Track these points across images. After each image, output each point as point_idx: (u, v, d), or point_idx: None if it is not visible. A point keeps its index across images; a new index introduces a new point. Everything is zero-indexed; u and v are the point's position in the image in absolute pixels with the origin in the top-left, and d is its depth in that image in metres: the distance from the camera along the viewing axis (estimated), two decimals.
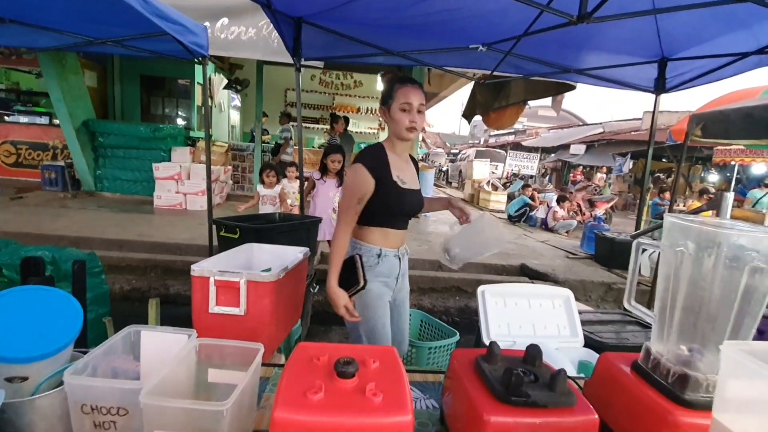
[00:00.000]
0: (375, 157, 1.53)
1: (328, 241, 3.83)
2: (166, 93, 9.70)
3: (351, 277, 1.42)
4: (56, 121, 7.32)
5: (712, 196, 8.01)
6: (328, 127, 11.75)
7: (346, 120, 6.99)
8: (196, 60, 3.21)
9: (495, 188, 11.21)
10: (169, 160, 7.03)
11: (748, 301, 0.64)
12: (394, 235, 1.58)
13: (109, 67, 8.59)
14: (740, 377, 0.53)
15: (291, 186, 4.45)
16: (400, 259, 1.61)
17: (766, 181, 10.05)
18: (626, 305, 0.88)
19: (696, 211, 3.38)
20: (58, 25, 3.05)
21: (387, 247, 1.56)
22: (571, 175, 14.14)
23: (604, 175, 13.61)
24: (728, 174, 11.75)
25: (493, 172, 14.17)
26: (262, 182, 4.35)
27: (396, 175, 1.52)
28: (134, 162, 7.33)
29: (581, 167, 14.19)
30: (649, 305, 1.69)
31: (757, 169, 10.55)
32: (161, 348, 0.75)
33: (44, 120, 7.88)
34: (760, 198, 8.88)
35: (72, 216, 5.63)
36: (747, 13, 1.91)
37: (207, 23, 3.96)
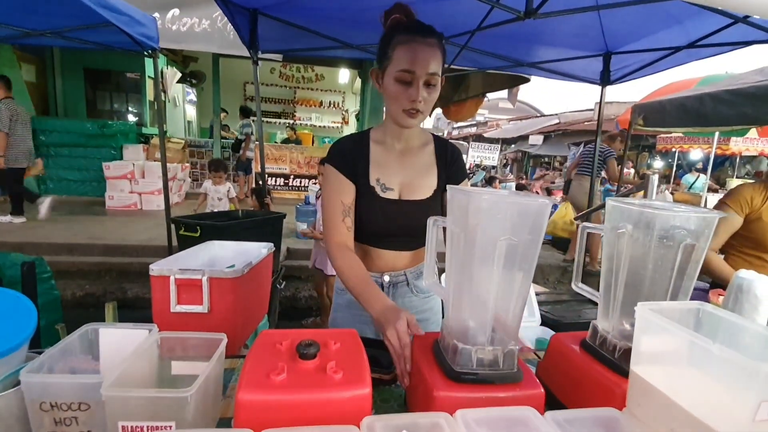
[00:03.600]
0: (346, 152, 1.13)
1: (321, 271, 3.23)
2: (113, 87, 9.15)
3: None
4: None
5: (640, 179, 8.76)
6: (290, 121, 11.63)
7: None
8: (145, 52, 3.08)
9: None
10: (121, 159, 6.68)
11: (682, 276, 0.70)
12: (377, 255, 1.16)
13: (48, 60, 8.00)
14: (650, 333, 0.61)
15: (215, 189, 4.36)
16: (382, 287, 1.18)
17: (697, 165, 10.91)
18: (574, 286, 0.91)
19: (626, 194, 3.65)
20: None
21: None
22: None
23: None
24: (670, 160, 12.65)
25: None
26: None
27: (376, 178, 1.12)
28: (81, 161, 6.90)
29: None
30: None
31: (694, 155, 11.46)
32: (121, 345, 0.75)
33: None
34: (693, 182, 9.70)
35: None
36: (678, 10, 2.09)
37: (157, 14, 3.79)
